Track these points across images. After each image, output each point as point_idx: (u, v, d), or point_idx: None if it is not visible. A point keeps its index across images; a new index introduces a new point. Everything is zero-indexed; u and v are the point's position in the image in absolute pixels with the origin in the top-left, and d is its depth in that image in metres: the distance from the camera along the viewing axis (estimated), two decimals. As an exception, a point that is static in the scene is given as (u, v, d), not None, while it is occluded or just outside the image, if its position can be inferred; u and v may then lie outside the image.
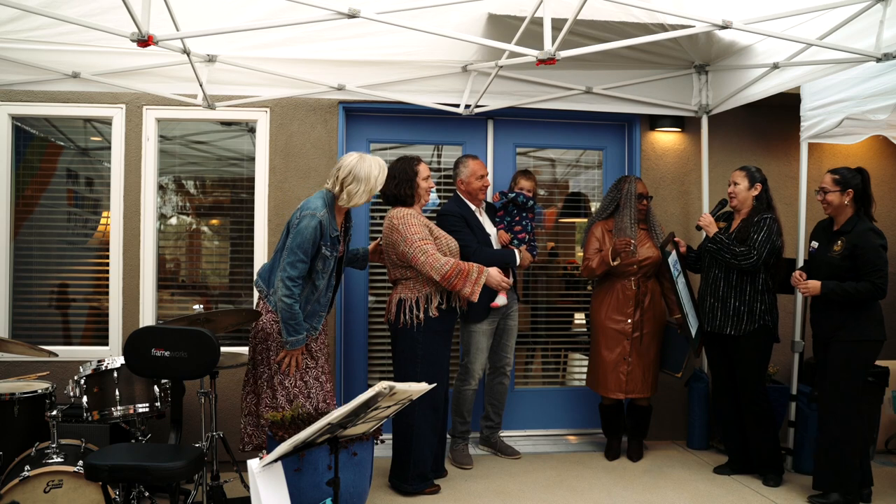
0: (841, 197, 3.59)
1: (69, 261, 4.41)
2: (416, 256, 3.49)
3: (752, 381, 3.85)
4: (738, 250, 3.76)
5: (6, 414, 3.24)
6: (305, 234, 3.22)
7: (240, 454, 3.59)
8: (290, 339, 3.29)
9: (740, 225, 3.90)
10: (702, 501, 3.69)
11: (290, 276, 3.23)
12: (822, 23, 3.34)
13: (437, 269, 3.48)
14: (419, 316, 3.59)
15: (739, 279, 3.84)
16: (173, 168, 4.50)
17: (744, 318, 3.82)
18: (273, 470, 2.53)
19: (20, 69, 3.85)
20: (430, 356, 3.62)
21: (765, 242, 3.75)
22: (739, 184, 3.91)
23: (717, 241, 3.84)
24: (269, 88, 4.09)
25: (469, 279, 3.50)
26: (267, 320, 3.39)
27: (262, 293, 3.43)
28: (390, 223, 3.61)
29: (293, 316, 3.26)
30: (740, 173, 3.95)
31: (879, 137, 4.60)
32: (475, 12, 3.47)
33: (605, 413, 4.39)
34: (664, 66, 4.39)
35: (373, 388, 2.30)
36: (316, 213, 3.26)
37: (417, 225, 3.55)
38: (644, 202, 4.24)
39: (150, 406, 3.33)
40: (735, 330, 3.84)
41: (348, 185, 3.32)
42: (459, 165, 4.15)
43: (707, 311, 3.95)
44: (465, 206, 4.11)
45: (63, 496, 2.93)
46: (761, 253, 3.74)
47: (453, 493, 3.75)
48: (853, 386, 3.50)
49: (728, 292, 3.87)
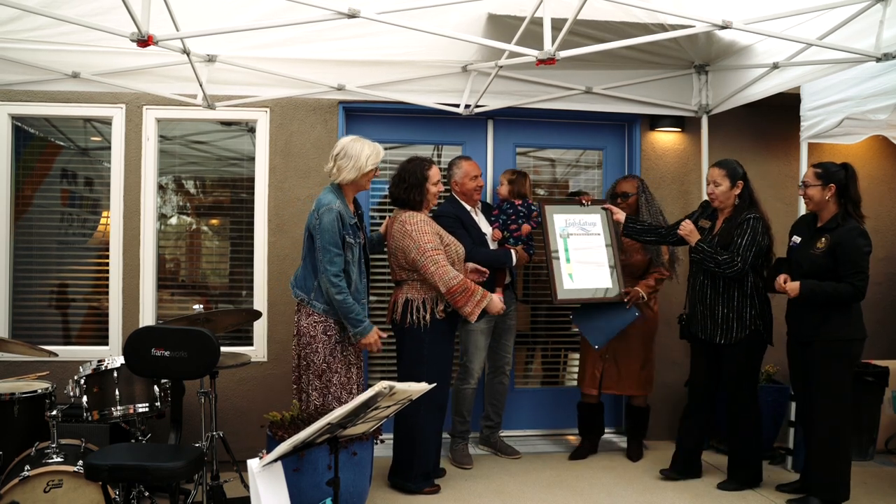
0: (822, 192, 3.51)
1: (69, 261, 4.41)
2: (427, 266, 3.53)
3: (744, 388, 3.74)
4: (722, 258, 3.61)
5: (6, 414, 3.24)
6: (331, 229, 3.31)
7: (240, 454, 3.59)
8: (356, 330, 3.38)
9: (723, 226, 3.76)
10: (702, 502, 3.69)
11: (334, 273, 3.32)
12: (821, 23, 3.34)
13: (445, 281, 3.52)
14: (425, 317, 3.61)
15: (727, 285, 3.70)
16: (173, 168, 4.50)
17: (734, 326, 3.69)
18: (273, 470, 2.53)
19: (20, 69, 3.85)
20: (435, 356, 3.64)
21: (749, 246, 3.61)
22: (721, 184, 3.72)
23: (700, 251, 3.70)
24: (269, 88, 4.09)
25: (472, 300, 3.56)
26: (308, 323, 3.41)
27: (303, 300, 3.45)
28: (403, 228, 3.60)
29: (350, 309, 3.34)
30: (720, 172, 3.73)
31: (879, 137, 4.60)
32: (475, 12, 3.47)
33: (580, 411, 4.39)
34: (664, 66, 4.39)
35: (373, 388, 2.30)
36: (332, 206, 3.34)
37: (430, 233, 3.58)
38: (619, 200, 4.20)
39: (150, 406, 3.32)
40: (725, 338, 3.71)
41: (339, 160, 3.43)
42: (453, 167, 4.16)
43: (698, 319, 3.83)
44: (460, 207, 4.11)
45: (63, 496, 2.92)
46: (746, 258, 3.60)
47: (453, 493, 3.75)
48: (840, 385, 3.46)
49: (716, 299, 3.73)
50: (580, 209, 4.15)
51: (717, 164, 3.83)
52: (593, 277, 4.07)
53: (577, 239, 4.10)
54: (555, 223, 4.09)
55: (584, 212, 4.15)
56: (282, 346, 4.38)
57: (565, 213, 4.13)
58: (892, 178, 5.06)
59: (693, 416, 3.94)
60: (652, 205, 4.26)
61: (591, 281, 4.05)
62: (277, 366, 4.38)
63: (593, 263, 4.08)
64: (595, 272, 4.07)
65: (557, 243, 4.06)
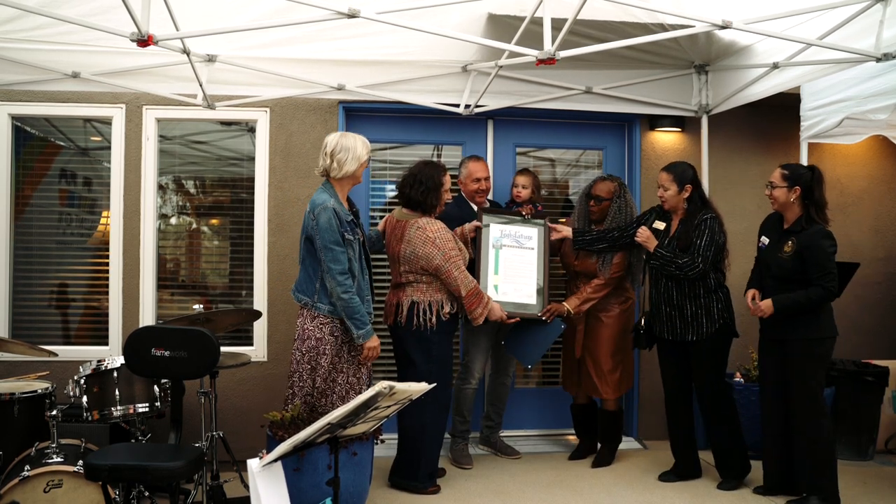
0: (787, 193, 3.52)
1: (69, 260, 4.41)
2: (451, 271, 3.59)
3: (715, 381, 3.79)
4: (682, 262, 3.66)
5: (6, 414, 3.24)
6: (329, 227, 3.28)
7: (240, 454, 3.59)
8: (359, 332, 3.35)
9: (679, 228, 3.79)
10: (702, 501, 3.69)
11: (339, 271, 3.29)
12: (821, 23, 3.34)
13: (466, 285, 3.62)
14: (432, 319, 3.63)
15: (691, 283, 3.73)
16: (173, 168, 4.50)
17: (703, 322, 3.73)
18: (273, 470, 2.54)
19: (20, 69, 3.84)
20: (442, 356, 3.68)
21: (708, 246, 3.66)
22: (669, 189, 3.77)
23: (659, 257, 3.74)
24: (269, 88, 4.08)
25: (482, 303, 3.68)
26: (314, 326, 3.39)
27: (306, 304, 3.42)
28: (424, 235, 3.60)
29: (355, 309, 3.32)
30: (668, 177, 3.78)
31: (879, 137, 4.60)
32: (475, 12, 3.47)
33: (573, 412, 4.39)
34: (664, 66, 4.39)
35: (373, 388, 2.30)
36: (326, 204, 3.32)
37: (451, 240, 3.66)
38: (591, 203, 4.14)
39: (150, 406, 3.32)
40: (697, 335, 3.74)
41: (338, 155, 3.42)
42: (461, 166, 4.19)
43: (665, 321, 3.83)
44: (466, 208, 4.12)
45: (63, 496, 2.92)
46: (706, 257, 3.65)
47: (453, 493, 3.75)
48: (818, 384, 3.47)
49: (682, 299, 3.76)
50: (519, 221, 4.08)
51: (665, 168, 3.88)
52: (518, 292, 3.98)
53: (510, 251, 4.02)
54: (490, 233, 4.00)
55: (522, 224, 4.07)
56: (282, 346, 4.38)
57: (502, 223, 4.05)
58: (892, 178, 5.06)
59: (676, 417, 3.96)
60: (623, 213, 4.08)
61: (514, 295, 3.97)
62: (277, 366, 4.38)
63: (521, 278, 4.00)
64: (521, 287, 3.99)
65: (489, 254, 3.98)
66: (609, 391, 4.12)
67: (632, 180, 4.83)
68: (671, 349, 3.89)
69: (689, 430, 3.95)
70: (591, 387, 4.16)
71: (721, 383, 3.82)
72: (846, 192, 4.98)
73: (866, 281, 4.91)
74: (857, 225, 4.96)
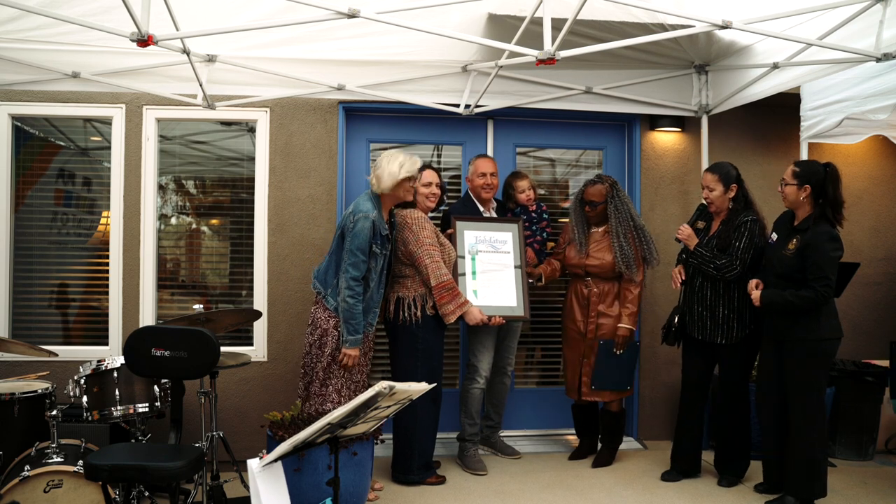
0: (797, 191, 3.47)
1: (69, 261, 4.41)
2: (423, 258, 3.66)
3: (737, 383, 3.80)
4: (720, 263, 3.65)
5: (6, 414, 3.24)
6: (362, 236, 3.46)
7: (240, 454, 3.59)
8: (349, 337, 3.49)
9: (720, 229, 3.78)
10: (702, 501, 3.69)
11: (353, 277, 3.47)
12: (821, 23, 3.34)
13: (437, 276, 3.67)
14: (416, 313, 3.72)
15: (726, 286, 3.73)
16: (173, 168, 4.50)
17: (734, 327, 3.72)
18: (273, 470, 2.54)
19: (20, 69, 3.85)
20: (428, 350, 3.77)
21: (747, 248, 3.64)
22: (714, 189, 3.75)
23: (698, 255, 3.74)
24: (269, 88, 4.09)
25: (455, 301, 3.71)
26: (323, 317, 3.58)
27: (320, 294, 3.62)
28: (403, 220, 3.73)
29: (354, 316, 3.48)
30: (713, 178, 3.76)
31: (879, 137, 4.60)
32: (475, 12, 3.47)
33: (574, 413, 4.40)
34: (664, 66, 4.39)
35: (373, 388, 2.30)
36: (368, 214, 3.49)
37: (429, 230, 3.72)
38: (587, 208, 4.13)
39: (150, 406, 3.33)
40: (726, 339, 3.74)
41: (376, 171, 3.60)
42: (470, 164, 4.25)
43: (696, 320, 3.83)
44: (472, 206, 4.14)
45: (63, 496, 2.93)
46: (745, 261, 3.63)
47: (453, 493, 3.76)
48: (816, 386, 3.45)
49: (716, 300, 3.75)
50: (492, 226, 4.10)
51: (710, 168, 3.85)
52: (497, 296, 4.01)
53: (486, 256, 4.05)
54: (464, 239, 4.03)
55: (495, 229, 4.10)
56: (282, 346, 4.38)
57: (476, 229, 4.07)
58: (892, 178, 5.06)
59: (689, 414, 3.94)
60: (621, 212, 4.06)
61: (495, 299, 3.99)
62: (277, 366, 4.38)
63: (499, 282, 4.03)
64: (500, 290, 4.02)
65: (466, 260, 4.00)
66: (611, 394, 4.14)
67: (632, 180, 4.83)
68: (699, 348, 3.88)
69: (698, 428, 3.95)
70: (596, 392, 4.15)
71: (742, 386, 3.81)
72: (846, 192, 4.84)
73: (866, 281, 4.91)
74: (857, 225, 4.95)
